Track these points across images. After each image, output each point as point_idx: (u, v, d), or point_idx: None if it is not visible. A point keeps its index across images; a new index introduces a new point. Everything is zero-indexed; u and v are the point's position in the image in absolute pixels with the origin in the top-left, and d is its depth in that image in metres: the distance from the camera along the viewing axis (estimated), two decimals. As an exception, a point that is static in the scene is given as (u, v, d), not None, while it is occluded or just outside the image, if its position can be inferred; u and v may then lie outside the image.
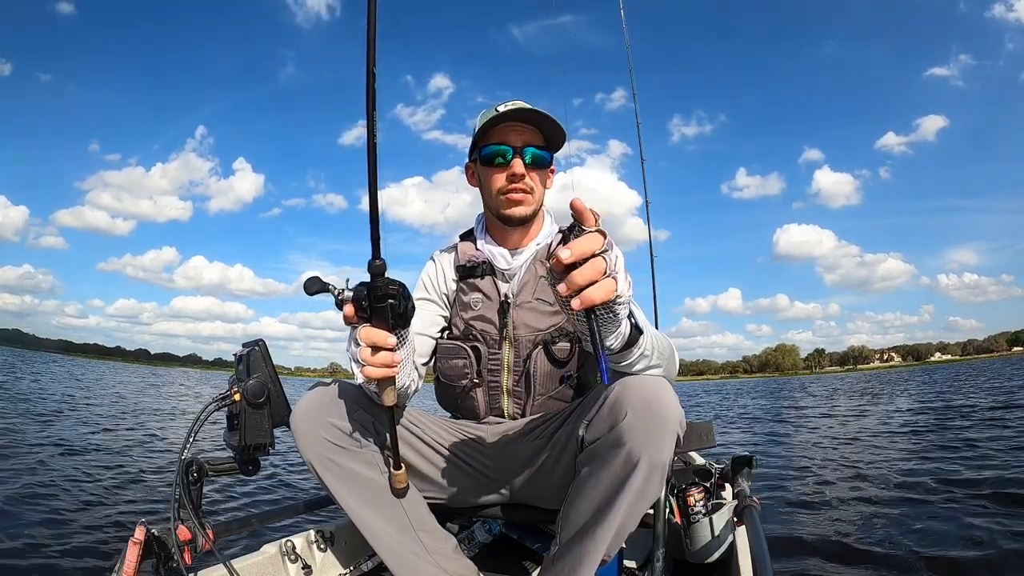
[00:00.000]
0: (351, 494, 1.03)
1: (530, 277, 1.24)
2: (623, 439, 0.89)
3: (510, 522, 1.48)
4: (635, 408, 0.89)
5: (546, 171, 1.27)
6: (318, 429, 1.01)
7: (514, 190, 1.22)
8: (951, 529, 2.70)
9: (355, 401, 1.06)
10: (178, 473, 0.96)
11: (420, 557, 1.04)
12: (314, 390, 1.05)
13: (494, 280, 1.27)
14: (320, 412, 1.02)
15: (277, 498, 3.60)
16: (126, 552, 0.89)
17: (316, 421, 1.01)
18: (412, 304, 0.83)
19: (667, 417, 0.89)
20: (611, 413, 0.92)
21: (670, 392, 0.92)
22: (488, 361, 1.22)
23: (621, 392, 0.92)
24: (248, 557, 1.18)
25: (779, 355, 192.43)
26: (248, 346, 1.08)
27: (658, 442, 0.88)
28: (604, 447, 0.93)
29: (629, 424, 0.89)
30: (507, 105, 1.21)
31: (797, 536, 2.73)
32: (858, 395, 17.55)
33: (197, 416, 0.98)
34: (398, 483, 1.01)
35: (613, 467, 0.91)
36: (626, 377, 0.95)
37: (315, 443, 1.01)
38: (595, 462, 0.95)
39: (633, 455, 0.88)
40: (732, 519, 1.30)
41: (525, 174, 1.21)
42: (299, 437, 1.02)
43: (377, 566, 1.41)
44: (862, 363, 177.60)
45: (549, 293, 1.17)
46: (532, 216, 1.25)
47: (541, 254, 1.26)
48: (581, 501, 0.96)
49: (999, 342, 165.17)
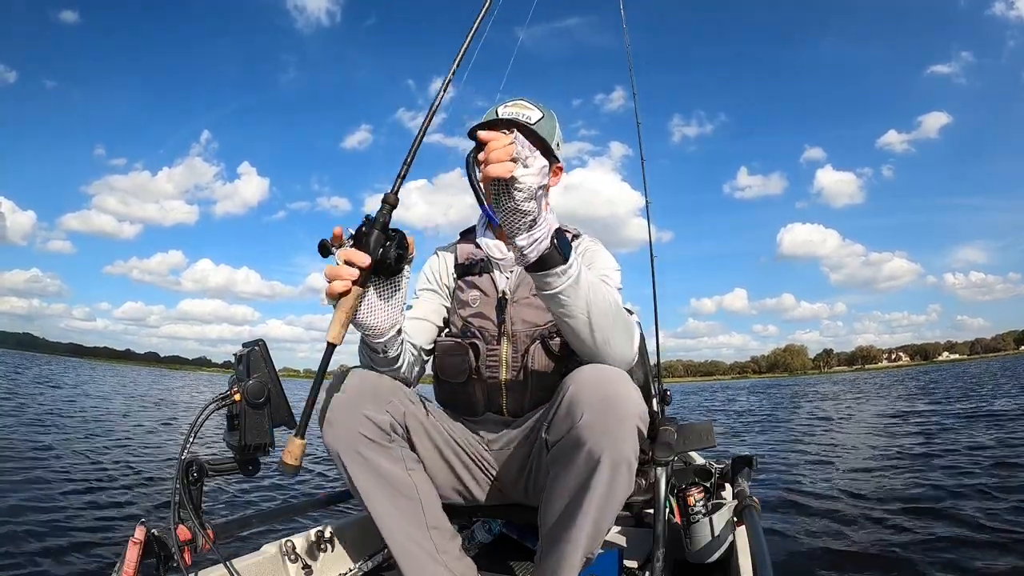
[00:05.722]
0: (376, 489, 1.02)
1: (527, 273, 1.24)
2: (582, 438, 0.89)
3: (510, 522, 1.48)
4: (591, 406, 0.89)
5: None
6: (352, 423, 1.00)
7: None
8: (951, 529, 2.68)
9: (391, 392, 1.07)
10: (178, 473, 0.96)
11: (431, 556, 1.04)
12: (349, 380, 1.04)
13: (492, 277, 1.27)
14: (356, 405, 1.01)
15: (277, 498, 3.62)
16: (126, 552, 0.89)
17: (351, 414, 1.01)
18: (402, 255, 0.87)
19: (625, 413, 0.89)
20: (568, 413, 0.92)
21: (627, 385, 0.92)
22: (486, 357, 1.22)
23: (576, 391, 0.92)
24: (248, 557, 1.19)
25: (788, 355, 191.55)
26: (248, 346, 1.08)
27: (617, 438, 0.88)
28: (566, 448, 0.93)
29: (586, 423, 0.89)
30: (507, 106, 1.23)
31: (797, 536, 2.72)
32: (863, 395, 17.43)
33: (197, 416, 0.98)
34: (291, 459, 0.83)
35: (576, 467, 0.91)
36: (581, 373, 0.95)
37: (348, 436, 1.01)
38: (559, 463, 0.95)
39: (594, 454, 0.88)
40: (732, 519, 1.30)
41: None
42: (331, 428, 1.01)
43: (377, 566, 1.41)
44: (870, 363, 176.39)
45: None
46: None
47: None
48: (552, 503, 0.97)
49: (1007, 341, 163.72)
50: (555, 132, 1.24)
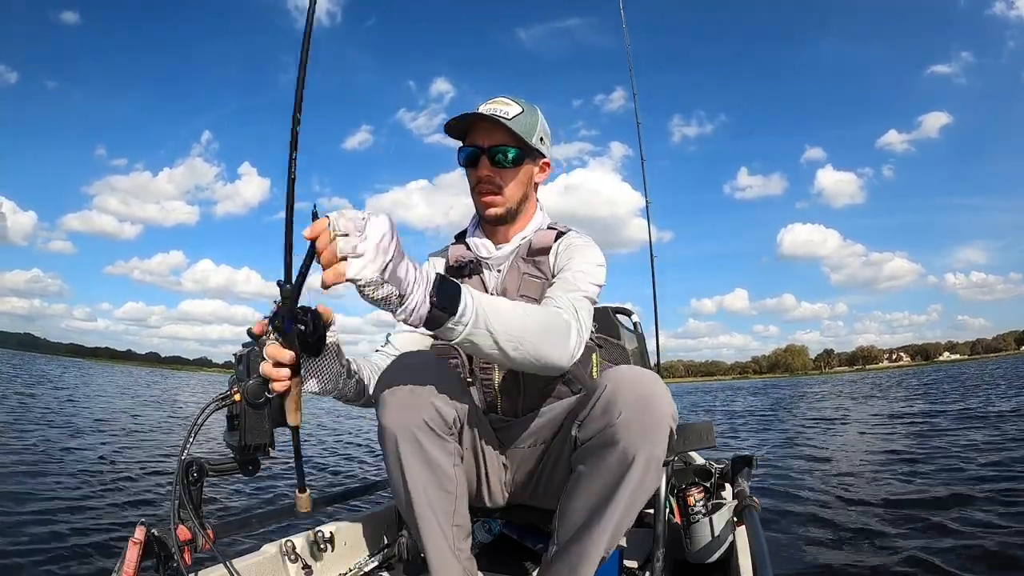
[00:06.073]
0: (423, 476, 1.01)
1: (514, 273, 1.23)
2: (617, 437, 0.91)
3: (510, 522, 1.48)
4: (629, 405, 0.91)
5: (522, 168, 1.22)
6: (418, 407, 0.99)
7: (482, 191, 1.21)
8: (951, 530, 2.68)
9: (459, 386, 1.08)
10: (178, 473, 0.95)
11: (455, 553, 1.04)
12: (420, 365, 1.03)
13: (481, 278, 1.27)
14: (427, 392, 1.00)
15: (277, 498, 3.62)
16: (126, 552, 0.89)
17: (418, 398, 0.99)
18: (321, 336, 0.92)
19: (661, 413, 0.92)
20: (605, 412, 0.94)
21: (661, 387, 0.94)
22: (480, 359, 1.21)
23: (614, 390, 0.94)
24: (248, 557, 1.19)
25: (789, 356, 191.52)
26: (248, 346, 1.08)
27: (653, 438, 0.91)
28: (598, 445, 0.94)
29: (623, 422, 0.91)
30: (488, 103, 1.21)
31: (798, 536, 2.72)
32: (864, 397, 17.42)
33: (197, 416, 0.98)
34: (303, 507, 0.95)
35: (609, 465, 0.92)
36: (617, 374, 0.97)
37: (409, 419, 0.99)
38: (590, 461, 0.96)
39: (629, 452, 0.90)
40: (732, 519, 1.30)
41: (492, 175, 1.20)
42: (394, 409, 0.99)
43: (377, 566, 1.41)
44: (871, 363, 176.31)
45: (533, 289, 1.18)
46: (508, 214, 1.24)
47: (523, 249, 1.25)
48: (578, 500, 0.97)
49: (1008, 341, 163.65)
50: (537, 126, 1.21)
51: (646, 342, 1.96)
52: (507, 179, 1.21)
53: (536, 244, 1.23)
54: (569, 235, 1.26)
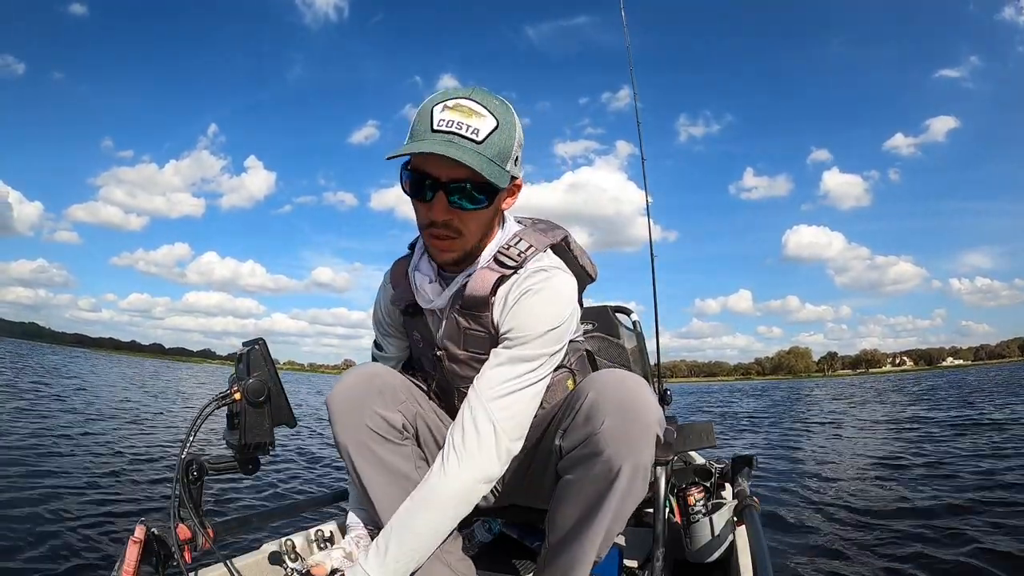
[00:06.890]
0: (384, 485, 1.01)
1: (453, 327, 1.05)
2: (601, 446, 0.87)
3: (510, 522, 1.48)
4: (611, 414, 0.87)
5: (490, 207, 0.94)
6: (362, 416, 0.99)
7: (435, 235, 0.94)
8: (950, 530, 2.67)
9: (404, 390, 1.06)
10: (178, 472, 0.96)
11: (435, 555, 1.02)
12: (361, 372, 1.03)
13: (426, 321, 1.11)
14: (366, 399, 1.00)
15: (277, 497, 3.62)
16: (126, 551, 0.89)
17: (360, 407, 0.99)
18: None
19: (646, 421, 0.88)
20: (587, 421, 0.90)
21: (647, 391, 0.90)
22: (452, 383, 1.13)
23: (596, 399, 0.90)
24: (248, 556, 1.19)
25: (792, 358, 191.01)
26: (248, 345, 1.09)
27: (638, 446, 0.87)
28: (584, 455, 0.91)
29: (607, 431, 0.87)
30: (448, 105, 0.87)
31: (797, 536, 2.72)
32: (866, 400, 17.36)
33: (197, 415, 0.98)
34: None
35: (594, 474, 0.89)
36: (600, 378, 0.93)
37: (356, 430, 1.00)
38: (576, 470, 0.93)
39: (614, 462, 0.87)
40: (732, 519, 1.30)
41: (450, 218, 0.92)
42: (338, 420, 1.00)
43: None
44: (874, 367, 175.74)
45: (479, 345, 1.03)
46: (465, 257, 1.00)
47: (457, 298, 1.02)
48: (566, 507, 0.95)
49: (1011, 347, 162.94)
50: (513, 143, 0.91)
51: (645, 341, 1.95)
52: (468, 222, 0.94)
53: (470, 292, 0.99)
54: (519, 277, 0.99)
